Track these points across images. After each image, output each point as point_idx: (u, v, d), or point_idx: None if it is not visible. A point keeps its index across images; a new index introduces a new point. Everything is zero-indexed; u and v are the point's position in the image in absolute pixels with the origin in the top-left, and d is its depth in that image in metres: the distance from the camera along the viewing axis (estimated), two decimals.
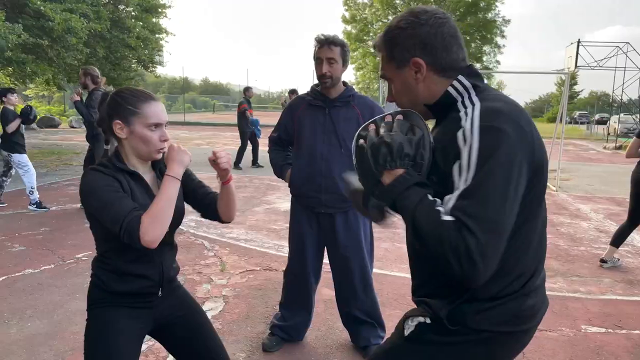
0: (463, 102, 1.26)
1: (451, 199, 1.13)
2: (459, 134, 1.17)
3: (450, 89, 1.29)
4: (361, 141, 1.29)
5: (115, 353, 1.68)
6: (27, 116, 6.52)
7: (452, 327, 1.29)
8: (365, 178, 1.30)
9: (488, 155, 1.11)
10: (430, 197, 1.17)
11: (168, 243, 1.82)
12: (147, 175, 1.77)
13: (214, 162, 1.74)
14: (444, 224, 1.09)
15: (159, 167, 1.82)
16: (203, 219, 2.04)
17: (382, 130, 1.27)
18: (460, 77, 1.29)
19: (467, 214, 1.07)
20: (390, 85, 1.38)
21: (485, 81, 1.33)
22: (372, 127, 1.30)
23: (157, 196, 1.60)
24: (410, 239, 1.27)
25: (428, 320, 1.35)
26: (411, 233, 1.18)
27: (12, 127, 6.42)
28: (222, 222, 1.91)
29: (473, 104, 1.22)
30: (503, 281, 1.24)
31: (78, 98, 6.30)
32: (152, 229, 1.52)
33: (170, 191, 1.61)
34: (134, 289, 1.74)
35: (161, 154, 1.73)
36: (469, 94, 1.27)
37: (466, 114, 1.20)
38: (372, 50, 37.91)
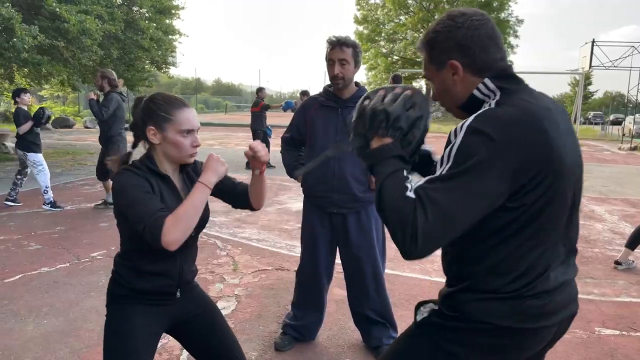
0: (487, 105, 1.29)
1: (422, 180, 1.22)
2: (452, 130, 1.25)
3: (476, 92, 1.33)
4: (366, 102, 1.39)
5: (130, 348, 1.72)
6: (39, 119, 6.60)
7: (450, 313, 1.34)
8: (357, 135, 1.40)
9: (465, 155, 1.17)
10: (404, 173, 1.27)
11: (191, 245, 1.85)
12: (175, 178, 1.81)
13: (252, 157, 1.76)
14: (406, 198, 1.18)
15: (186, 171, 1.86)
16: (215, 219, 2.07)
17: (387, 99, 1.35)
18: (486, 80, 1.31)
19: (427, 196, 1.16)
20: (432, 85, 1.44)
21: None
22: (381, 92, 1.39)
23: (186, 200, 1.62)
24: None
25: (437, 307, 1.41)
26: (376, 197, 1.27)
27: (23, 129, 6.51)
28: (252, 209, 1.96)
29: (490, 107, 1.26)
30: (502, 278, 1.28)
31: (94, 97, 6.38)
32: (175, 231, 1.54)
33: (199, 197, 1.63)
34: (153, 287, 1.77)
35: (193, 158, 1.78)
36: (495, 96, 1.30)
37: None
38: (383, 50, 37.94)
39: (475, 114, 1.23)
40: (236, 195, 1.93)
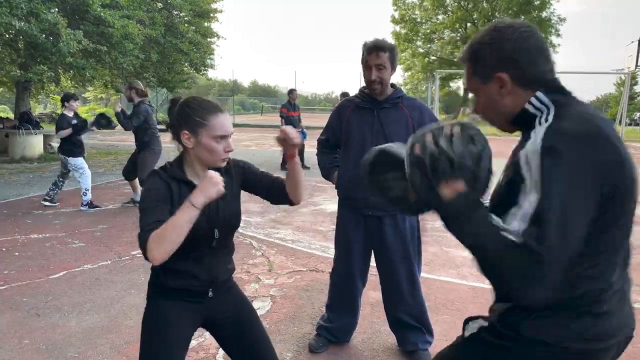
0: (540, 119, 1.23)
1: (520, 222, 1.12)
2: (522, 153, 1.17)
3: (528, 106, 1.27)
4: (416, 149, 1.26)
5: (163, 342, 1.78)
6: (78, 131, 6.80)
7: (505, 332, 1.28)
8: (418, 186, 1.28)
9: (550, 179, 1.10)
10: (493, 218, 1.17)
11: (223, 246, 1.88)
12: None
13: (284, 139, 1.76)
14: (515, 247, 1.10)
15: (220, 173, 1.87)
16: (251, 219, 2.09)
17: (441, 141, 1.24)
18: (539, 94, 1.26)
19: (538, 242, 1.07)
20: (475, 98, 1.38)
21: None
22: (429, 137, 1.27)
23: (170, 219, 1.58)
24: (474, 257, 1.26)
25: (487, 324, 1.36)
26: (474, 255, 1.19)
27: (63, 134, 6.70)
28: (291, 204, 1.95)
29: (547, 122, 1.20)
30: (562, 296, 1.21)
31: (119, 109, 6.64)
32: (155, 247, 1.57)
33: (182, 217, 1.56)
34: (185, 286, 1.81)
35: (224, 162, 1.79)
36: (549, 110, 1.23)
37: (536, 133, 1.18)
38: (420, 50, 37.58)
39: (540, 134, 1.16)
40: (274, 190, 1.94)
